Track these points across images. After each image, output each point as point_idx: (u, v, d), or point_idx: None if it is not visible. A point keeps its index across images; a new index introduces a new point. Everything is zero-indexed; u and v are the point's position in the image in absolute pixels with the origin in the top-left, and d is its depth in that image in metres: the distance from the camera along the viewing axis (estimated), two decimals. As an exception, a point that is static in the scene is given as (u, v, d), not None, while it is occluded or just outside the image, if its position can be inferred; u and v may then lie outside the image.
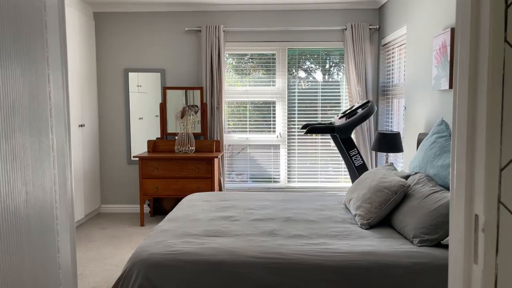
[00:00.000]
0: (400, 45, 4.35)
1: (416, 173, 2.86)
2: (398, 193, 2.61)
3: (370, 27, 4.90)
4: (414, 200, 2.51)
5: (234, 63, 5.28)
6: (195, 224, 2.72)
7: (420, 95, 3.65)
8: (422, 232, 2.28)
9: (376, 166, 4.98)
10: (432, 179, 2.69)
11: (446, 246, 2.23)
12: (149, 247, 2.27)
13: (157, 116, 5.15)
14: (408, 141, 3.97)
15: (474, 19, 0.87)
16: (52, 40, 0.79)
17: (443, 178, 2.62)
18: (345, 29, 4.90)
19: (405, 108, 4.05)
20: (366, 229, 2.62)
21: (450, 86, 3.00)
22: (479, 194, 0.84)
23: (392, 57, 4.65)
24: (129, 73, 5.15)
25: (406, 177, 2.88)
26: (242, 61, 5.26)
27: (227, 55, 5.20)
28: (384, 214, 2.65)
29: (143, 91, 5.23)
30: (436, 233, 2.24)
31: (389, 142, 3.83)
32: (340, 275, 2.08)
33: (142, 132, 5.23)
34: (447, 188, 2.57)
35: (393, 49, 4.61)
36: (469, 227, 0.87)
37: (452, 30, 2.96)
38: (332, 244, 2.32)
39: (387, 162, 4.12)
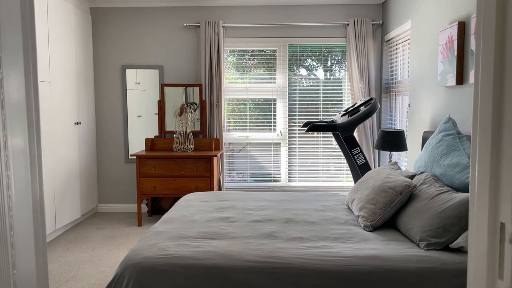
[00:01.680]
0: (404, 41, 4.23)
1: (421, 172, 2.74)
2: (403, 194, 2.50)
3: (373, 22, 4.78)
4: (420, 201, 2.39)
5: (234, 61, 5.16)
6: (191, 225, 2.61)
7: (425, 91, 3.53)
8: (429, 235, 2.17)
9: (379, 165, 4.87)
10: (439, 179, 2.57)
11: (454, 250, 2.12)
12: (142, 251, 2.17)
13: (156, 114, 5.04)
14: (412, 140, 3.85)
15: (500, 6, 0.75)
16: (6, 20, 0.68)
17: (450, 178, 2.51)
18: (348, 24, 4.78)
19: (409, 106, 3.93)
20: (370, 231, 2.51)
21: (457, 82, 2.88)
22: (506, 199, 0.72)
23: (396, 53, 4.53)
24: (127, 69, 5.04)
25: (412, 176, 2.77)
26: (242, 58, 5.15)
27: (227, 53, 5.09)
28: (389, 215, 2.54)
29: (142, 89, 5.13)
30: (444, 236, 2.12)
31: (393, 140, 3.71)
32: (343, 280, 1.97)
33: (141, 130, 5.12)
34: (454, 189, 2.45)
35: (396, 45, 4.49)
36: (493, 237, 0.76)
37: (460, 24, 2.85)
38: (334, 248, 2.21)
39: (390, 161, 4.00)
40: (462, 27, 2.85)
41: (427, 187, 2.48)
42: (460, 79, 2.87)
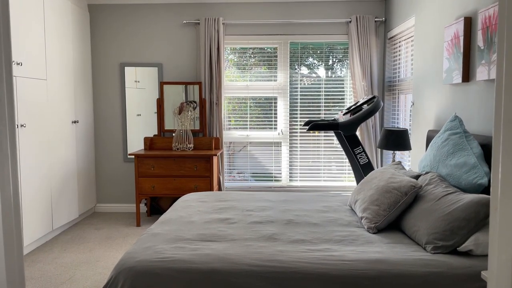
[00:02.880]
0: (407, 38, 4.15)
1: (427, 172, 2.66)
2: (408, 195, 2.41)
3: (376, 19, 4.69)
4: (426, 202, 2.31)
5: (235, 59, 5.08)
6: (189, 227, 2.53)
7: (430, 89, 3.45)
8: (436, 238, 2.08)
9: (382, 164, 4.79)
10: (445, 179, 2.49)
11: (462, 254, 2.04)
12: (137, 254, 2.09)
13: (155, 112, 4.96)
14: (416, 139, 3.77)
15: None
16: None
17: (456, 178, 2.42)
18: (350, 21, 4.70)
19: (413, 104, 3.84)
20: (374, 233, 2.43)
21: (463, 80, 2.80)
22: (535, 205, 0.64)
23: (399, 50, 4.44)
24: (125, 67, 4.97)
25: (417, 177, 2.68)
26: (243, 56, 5.06)
27: (228, 50, 5.01)
28: (393, 217, 2.45)
29: (141, 87, 5.05)
30: (451, 239, 2.04)
31: (396, 140, 3.63)
32: (346, 285, 1.88)
33: (140, 129, 5.05)
34: (461, 189, 2.37)
35: (399, 42, 4.40)
36: (519, 247, 0.68)
37: (466, 19, 2.76)
38: (337, 251, 2.12)
39: (393, 160, 3.91)
40: (469, 23, 2.76)
41: (433, 187, 2.39)
42: (467, 76, 2.79)
